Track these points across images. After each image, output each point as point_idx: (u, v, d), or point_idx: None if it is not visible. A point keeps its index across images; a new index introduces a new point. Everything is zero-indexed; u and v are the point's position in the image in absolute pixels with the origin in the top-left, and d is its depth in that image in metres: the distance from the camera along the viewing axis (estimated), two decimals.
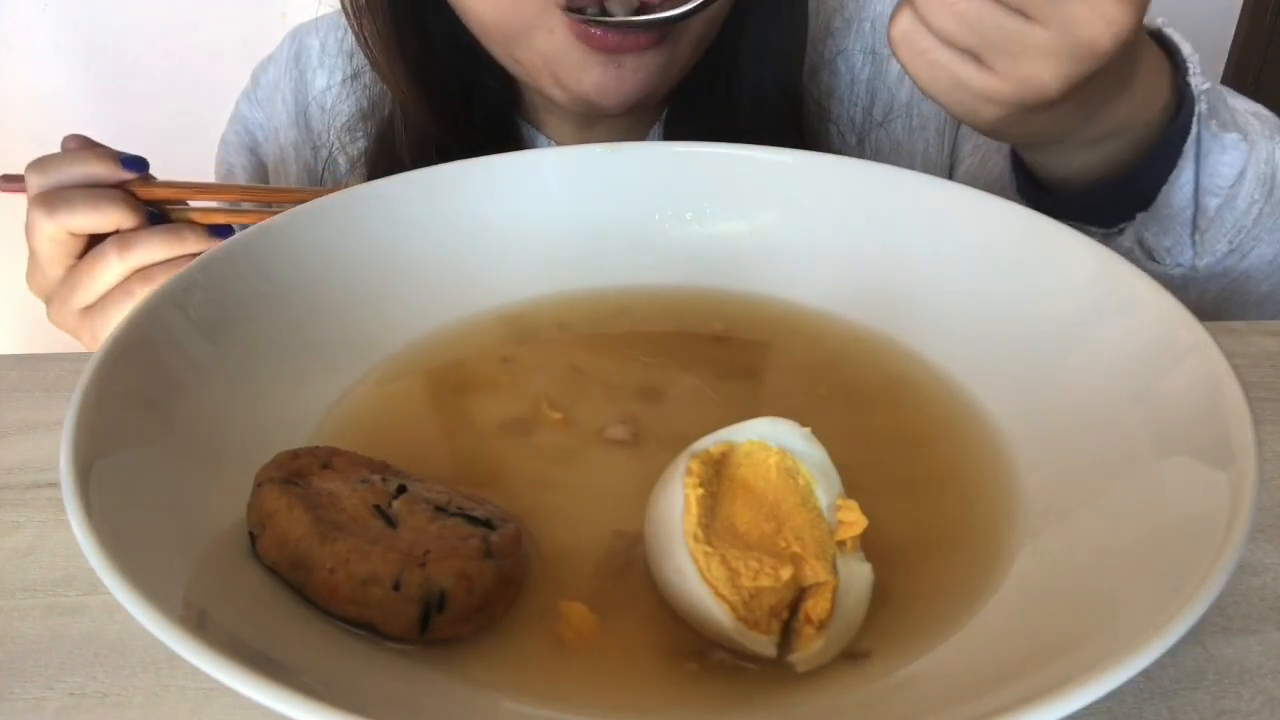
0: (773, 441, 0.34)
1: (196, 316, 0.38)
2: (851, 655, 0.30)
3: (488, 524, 0.31)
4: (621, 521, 0.35)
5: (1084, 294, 0.40)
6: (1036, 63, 0.43)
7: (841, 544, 0.31)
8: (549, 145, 0.69)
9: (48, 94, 1.23)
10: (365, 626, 0.29)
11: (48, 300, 0.58)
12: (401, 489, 0.32)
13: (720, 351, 0.45)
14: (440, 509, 0.32)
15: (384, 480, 0.33)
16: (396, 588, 0.29)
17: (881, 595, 0.32)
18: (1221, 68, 1.53)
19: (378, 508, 0.31)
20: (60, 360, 0.50)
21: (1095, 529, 0.32)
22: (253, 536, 0.31)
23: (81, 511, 0.27)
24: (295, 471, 0.32)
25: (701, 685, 0.30)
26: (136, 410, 0.33)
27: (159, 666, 0.32)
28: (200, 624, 0.25)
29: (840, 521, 0.32)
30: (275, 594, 0.30)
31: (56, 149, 0.59)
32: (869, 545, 0.32)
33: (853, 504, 0.32)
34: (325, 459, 0.33)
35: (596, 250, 0.47)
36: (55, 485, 0.32)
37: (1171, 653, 0.23)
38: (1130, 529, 0.30)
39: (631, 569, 0.33)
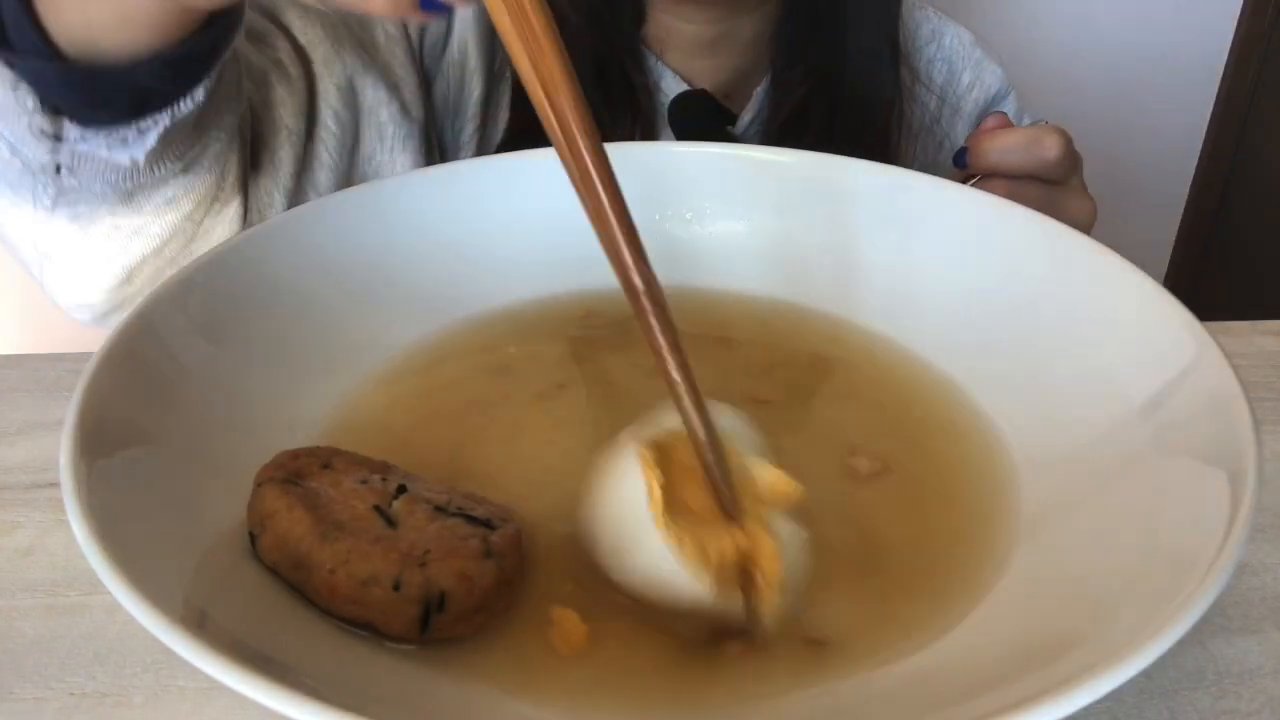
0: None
1: (196, 316, 0.38)
2: (813, 641, 0.31)
3: (487, 524, 0.31)
4: None
5: (1082, 294, 0.40)
6: None
7: (771, 509, 0.32)
8: (666, 72, 0.71)
9: None
10: (365, 626, 0.29)
11: None
12: (401, 489, 0.32)
13: (720, 352, 0.45)
14: (440, 509, 0.32)
15: (384, 480, 0.33)
16: (396, 588, 0.29)
17: (881, 594, 0.32)
18: (1221, 68, 1.53)
19: (378, 508, 0.31)
20: (60, 360, 0.49)
21: (1095, 528, 0.32)
22: (253, 536, 0.31)
23: (81, 511, 0.27)
24: (295, 472, 0.32)
25: (702, 685, 0.30)
26: (136, 410, 0.33)
27: (159, 666, 0.32)
28: (200, 624, 0.25)
29: (770, 488, 0.33)
30: (275, 594, 0.30)
31: None
32: (868, 544, 0.32)
33: (782, 472, 0.33)
34: (325, 459, 0.33)
35: (597, 250, 0.47)
36: (55, 485, 0.32)
37: (1171, 653, 0.23)
38: (1130, 529, 0.30)
39: None
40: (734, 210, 0.50)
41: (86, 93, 0.44)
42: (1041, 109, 1.54)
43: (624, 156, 0.50)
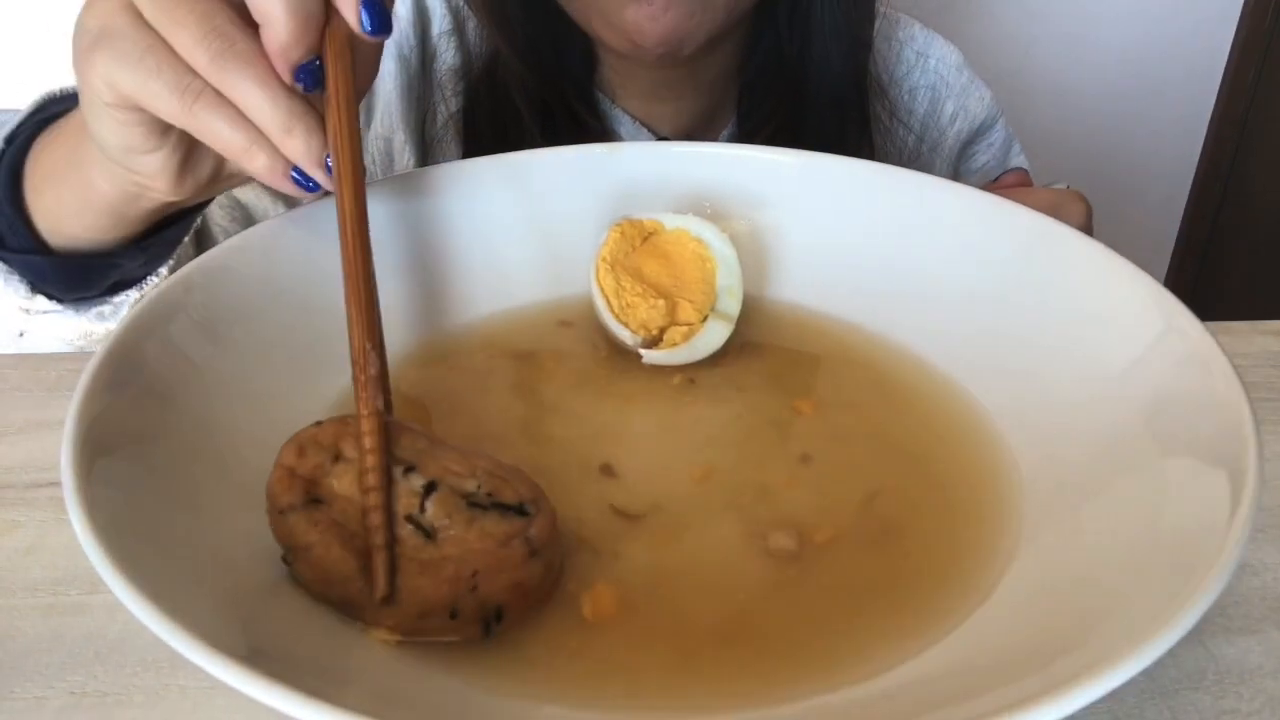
0: (694, 232, 0.46)
1: (197, 316, 0.38)
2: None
3: (521, 510, 0.31)
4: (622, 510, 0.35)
5: (1083, 294, 0.40)
6: None
7: (715, 312, 0.44)
8: (624, 117, 0.69)
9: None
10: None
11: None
12: (431, 486, 0.31)
13: (719, 351, 0.45)
14: (472, 502, 0.31)
15: (406, 473, 0.31)
16: (453, 615, 0.29)
17: (880, 593, 0.32)
18: (1222, 68, 1.53)
19: (410, 518, 0.30)
20: (60, 360, 0.50)
21: (1095, 529, 0.32)
22: (286, 560, 0.31)
23: (82, 511, 0.27)
24: (309, 481, 0.31)
25: (703, 684, 0.30)
26: (137, 409, 0.33)
27: (160, 665, 0.32)
28: (201, 623, 0.25)
29: (725, 300, 0.44)
30: (276, 593, 0.30)
31: None
32: (871, 546, 0.32)
33: (738, 298, 0.45)
34: (333, 447, 0.32)
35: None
36: (56, 484, 0.32)
37: (1172, 653, 0.23)
38: (1130, 529, 0.30)
39: (632, 558, 0.33)
40: (734, 210, 0.50)
41: (74, 278, 0.50)
42: (1042, 109, 1.54)
43: (625, 156, 0.51)
